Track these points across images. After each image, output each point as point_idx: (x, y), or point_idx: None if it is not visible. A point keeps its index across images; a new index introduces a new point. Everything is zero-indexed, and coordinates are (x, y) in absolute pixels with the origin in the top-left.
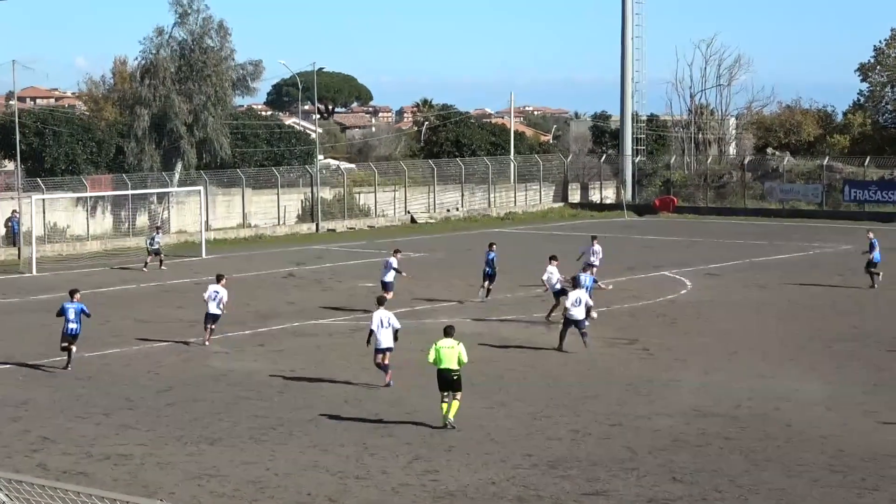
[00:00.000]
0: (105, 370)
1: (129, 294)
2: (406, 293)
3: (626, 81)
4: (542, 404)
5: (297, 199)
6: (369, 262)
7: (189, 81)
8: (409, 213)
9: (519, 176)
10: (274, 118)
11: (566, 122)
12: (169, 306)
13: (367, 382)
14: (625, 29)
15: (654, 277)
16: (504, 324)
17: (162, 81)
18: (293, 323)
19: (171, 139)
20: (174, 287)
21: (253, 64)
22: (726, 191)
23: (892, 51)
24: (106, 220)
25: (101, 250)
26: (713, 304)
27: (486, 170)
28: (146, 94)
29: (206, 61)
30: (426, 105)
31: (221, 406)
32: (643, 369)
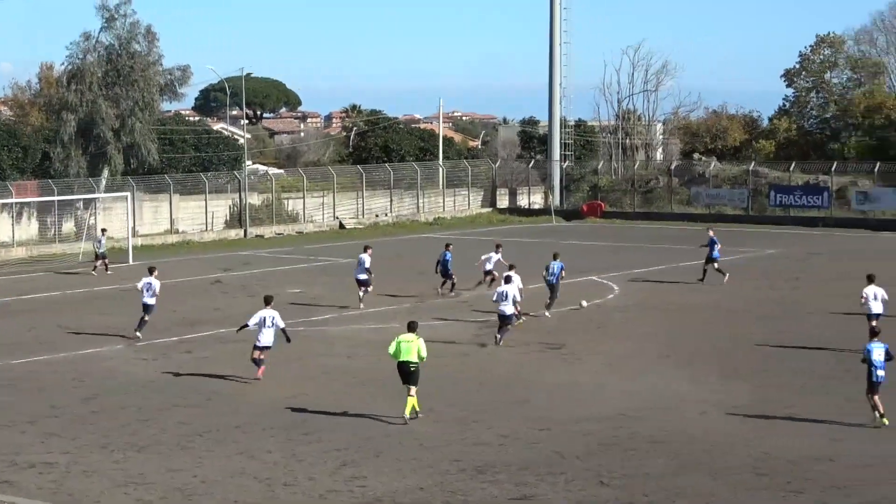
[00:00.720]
0: (30, 377)
1: (55, 301)
2: (335, 300)
3: (554, 87)
4: (470, 409)
5: (225, 205)
6: (297, 268)
7: (116, 86)
8: (337, 218)
9: (447, 181)
10: (202, 123)
11: (494, 128)
12: (95, 313)
13: (293, 388)
14: (552, 35)
15: (582, 282)
16: (430, 329)
17: (89, 87)
18: (220, 329)
19: (98, 145)
20: (101, 294)
21: (181, 69)
22: (653, 196)
23: (817, 57)
24: (32, 226)
25: (26, 257)
26: (640, 309)
27: (414, 175)
28: (73, 99)
29: (134, 66)
30: (355, 110)
31: (148, 413)
32: (571, 374)
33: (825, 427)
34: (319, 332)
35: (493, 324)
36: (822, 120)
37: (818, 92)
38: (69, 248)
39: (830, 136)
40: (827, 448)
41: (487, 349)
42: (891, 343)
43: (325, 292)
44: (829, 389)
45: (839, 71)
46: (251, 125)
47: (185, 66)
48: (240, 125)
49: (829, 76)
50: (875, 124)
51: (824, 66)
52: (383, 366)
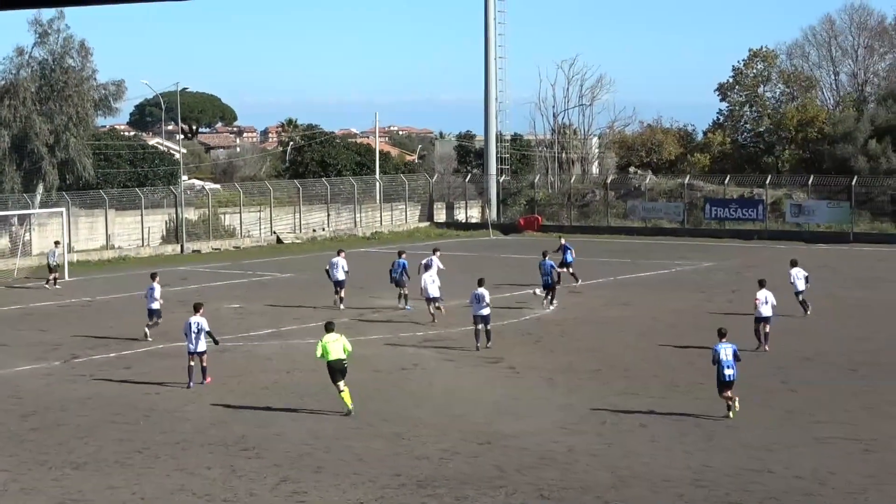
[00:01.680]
0: None
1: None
2: (273, 316)
3: (490, 101)
4: (409, 424)
5: (162, 220)
6: (235, 283)
7: (50, 101)
8: (275, 233)
9: (385, 196)
10: (137, 138)
11: (431, 142)
12: (31, 329)
13: (232, 404)
14: (487, 49)
15: (519, 296)
16: (369, 343)
17: (22, 102)
18: (158, 345)
19: (33, 160)
20: (36, 310)
21: (115, 84)
22: (590, 209)
23: (750, 71)
24: None
25: None
26: (577, 322)
27: (351, 190)
28: (6, 114)
29: (68, 81)
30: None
31: (86, 430)
32: (509, 388)
33: (763, 439)
34: (257, 347)
35: (431, 339)
36: (757, 133)
37: (752, 106)
38: (4, 265)
39: (764, 149)
40: (765, 460)
41: (425, 364)
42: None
43: (263, 308)
44: (767, 401)
45: (772, 85)
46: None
47: (119, 81)
48: (175, 140)
49: (763, 90)
50: (808, 137)
51: (757, 80)
52: (322, 380)
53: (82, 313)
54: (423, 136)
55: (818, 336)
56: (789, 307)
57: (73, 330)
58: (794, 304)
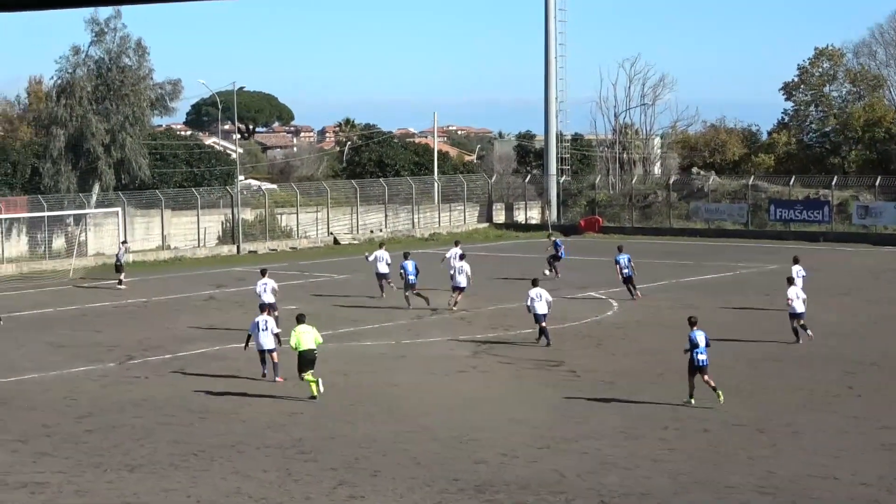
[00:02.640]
0: (21, 396)
1: (45, 318)
2: (330, 317)
3: (550, 101)
4: (467, 427)
5: (218, 221)
6: (292, 283)
7: (106, 101)
8: (331, 234)
9: (443, 196)
10: (193, 138)
11: (490, 142)
12: (87, 330)
13: (290, 407)
14: (548, 48)
15: (580, 299)
16: (426, 345)
17: (78, 101)
18: (214, 347)
19: (89, 160)
20: (92, 311)
21: (171, 83)
22: (652, 211)
23: (816, 70)
24: (21, 242)
25: (16, 273)
26: (639, 325)
27: (409, 190)
28: (62, 113)
29: (124, 80)
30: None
31: (141, 432)
32: (570, 391)
33: (828, 445)
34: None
35: (489, 341)
36: (822, 133)
37: (817, 105)
38: (59, 265)
39: (830, 149)
40: (830, 466)
41: (483, 367)
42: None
43: (320, 309)
44: (832, 406)
45: (838, 84)
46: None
47: (175, 80)
48: (232, 140)
49: (829, 89)
50: (875, 138)
51: (823, 79)
52: (380, 383)
53: (138, 314)
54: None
55: (884, 340)
56: (846, 308)
57: (128, 331)
58: (851, 307)
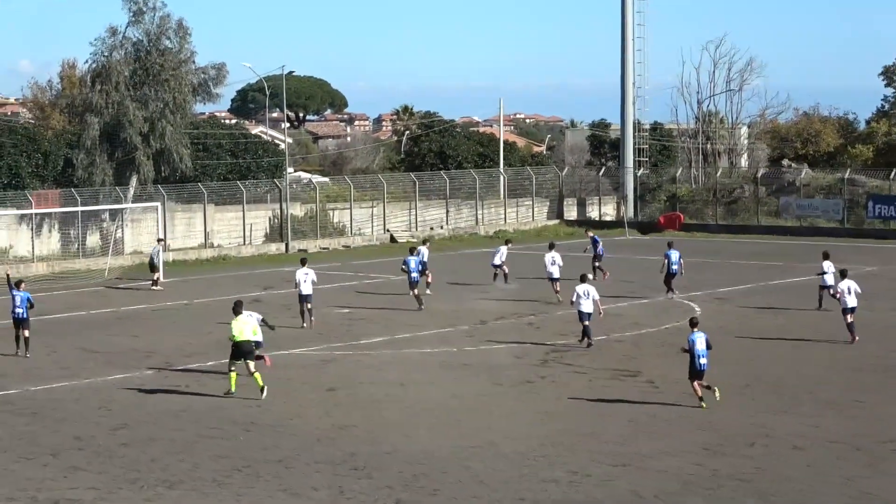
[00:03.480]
0: (52, 406)
1: (78, 321)
2: (386, 321)
3: (627, 86)
4: (535, 442)
5: (265, 217)
6: (344, 285)
7: (145, 86)
8: (388, 231)
9: (509, 190)
10: (239, 127)
11: (561, 132)
12: (123, 335)
13: (342, 418)
14: (625, 29)
15: (659, 302)
16: (491, 353)
17: (115, 87)
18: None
19: (126, 150)
20: (128, 314)
21: (215, 67)
22: (738, 206)
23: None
24: (53, 239)
25: (48, 273)
26: (723, 332)
27: (473, 184)
28: (97, 100)
29: (164, 64)
30: (407, 112)
31: (181, 445)
32: (647, 404)
33: None
34: (368, 356)
35: (561, 349)
36: None
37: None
38: (94, 264)
39: None
40: None
41: (553, 376)
42: None
43: (375, 313)
44: None
45: None
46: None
47: (220, 64)
48: (280, 129)
49: None
50: None
51: None
52: (440, 394)
53: (178, 317)
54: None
55: None
56: None
57: (167, 336)
58: None
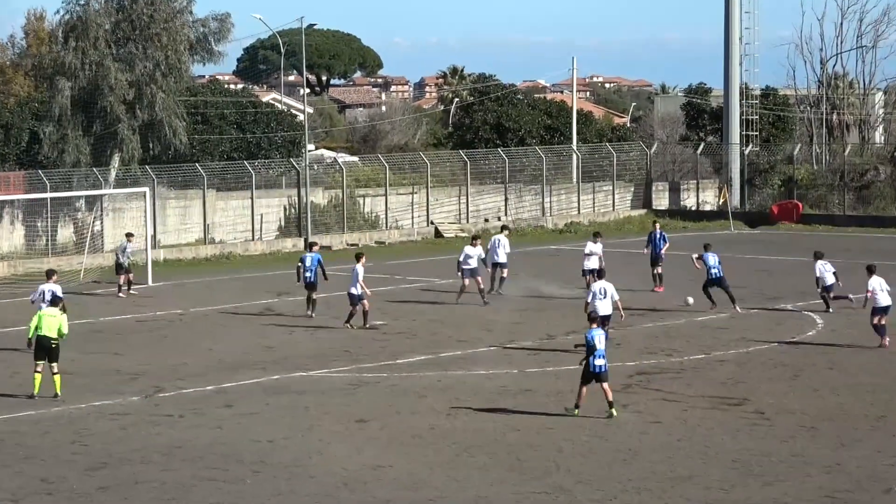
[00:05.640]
0: (14, 440)
1: None
2: (429, 334)
3: (732, 43)
4: (616, 488)
5: (279, 205)
6: (379, 291)
7: (130, 43)
8: (432, 223)
9: (584, 172)
10: (247, 93)
11: (649, 99)
12: (102, 351)
13: (373, 457)
14: None
15: (771, 313)
16: (560, 374)
17: (93, 43)
18: (272, 375)
19: (106, 122)
20: (109, 325)
21: (218, 19)
22: (871, 193)
23: None
24: (16, 232)
25: (9, 274)
26: (852, 352)
27: (538, 164)
28: (71, 60)
29: (154, 16)
30: (456, 75)
31: (174, 490)
32: (756, 440)
33: None
34: (407, 379)
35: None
36: None
37: None
38: (66, 263)
39: None
40: None
41: (638, 405)
42: None
43: (415, 326)
44: None
45: None
46: (314, 95)
47: (223, 14)
48: (298, 96)
49: None
50: None
51: None
52: (497, 426)
53: (170, 331)
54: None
55: None
56: None
57: (157, 354)
58: None
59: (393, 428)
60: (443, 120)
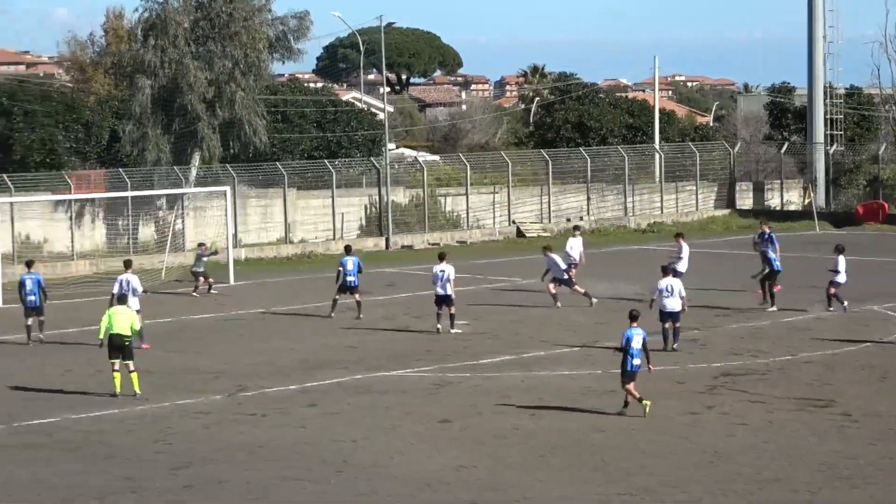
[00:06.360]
0: (97, 438)
1: None
2: (512, 334)
3: (816, 41)
4: (700, 490)
5: (360, 205)
6: (460, 290)
7: (209, 42)
8: (514, 223)
9: (667, 172)
10: (327, 92)
11: (732, 98)
12: (184, 351)
13: (457, 457)
14: None
15: (858, 315)
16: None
17: (172, 42)
18: (354, 375)
19: (186, 121)
20: (191, 324)
21: (297, 17)
22: None
23: None
24: (97, 231)
25: (91, 273)
26: None
27: (620, 163)
28: (150, 58)
29: (233, 14)
30: (537, 74)
31: (258, 489)
32: (843, 443)
33: None
34: (490, 380)
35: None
36: None
37: None
38: (147, 262)
39: None
40: None
41: (723, 406)
42: None
43: (498, 326)
44: None
45: None
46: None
47: (302, 12)
48: (378, 95)
49: None
50: None
51: None
52: (581, 427)
53: (252, 330)
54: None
55: None
56: None
57: (239, 352)
58: None
59: (476, 428)
60: (524, 119)
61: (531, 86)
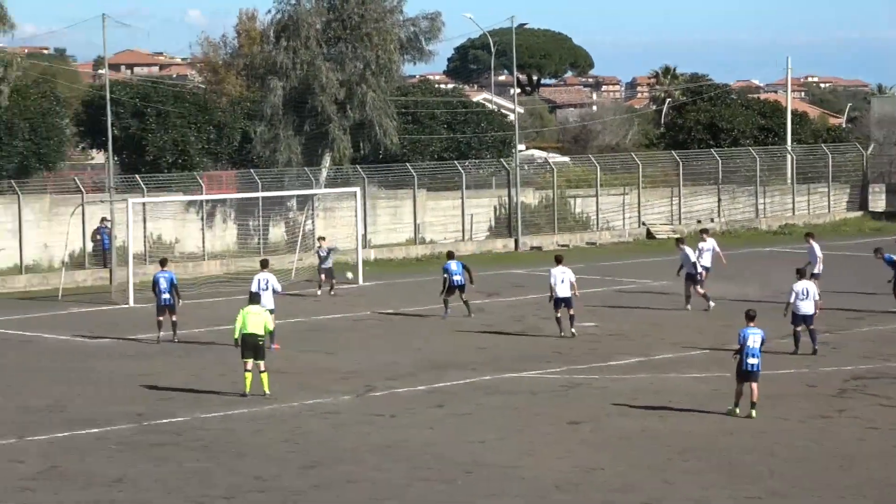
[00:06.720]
0: (227, 437)
1: None
2: (641, 336)
3: None
4: (832, 494)
5: (489, 206)
6: (590, 292)
7: (341, 43)
8: (644, 224)
9: (799, 174)
10: (457, 93)
11: (866, 99)
12: (315, 351)
13: (587, 459)
14: None
15: None
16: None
17: (304, 43)
18: (483, 376)
19: (317, 122)
20: (321, 325)
21: (428, 18)
22: None
23: None
24: (228, 231)
25: (222, 273)
26: None
27: (752, 165)
28: (283, 60)
29: (364, 15)
30: (668, 75)
31: (387, 489)
32: None
33: None
34: (618, 381)
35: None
36: None
37: None
38: (278, 262)
39: None
40: None
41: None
42: None
43: (627, 327)
44: None
45: None
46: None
47: (434, 13)
48: (509, 96)
49: None
50: None
51: None
52: (707, 429)
53: (381, 330)
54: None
55: None
56: None
57: (368, 353)
58: None
59: (604, 430)
60: (655, 120)
61: (662, 87)
